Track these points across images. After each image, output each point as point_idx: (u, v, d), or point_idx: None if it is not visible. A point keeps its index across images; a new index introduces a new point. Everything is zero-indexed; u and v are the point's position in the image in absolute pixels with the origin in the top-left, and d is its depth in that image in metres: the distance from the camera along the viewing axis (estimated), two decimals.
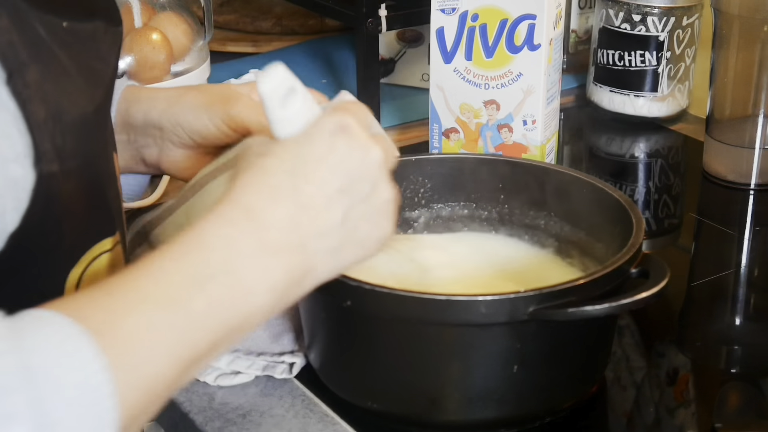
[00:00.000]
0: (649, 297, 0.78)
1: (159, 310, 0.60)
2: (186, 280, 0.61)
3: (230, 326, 0.63)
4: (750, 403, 0.90)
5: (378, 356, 0.81)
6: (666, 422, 0.87)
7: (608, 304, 0.77)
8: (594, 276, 0.78)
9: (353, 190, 0.68)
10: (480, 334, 0.78)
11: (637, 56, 1.35)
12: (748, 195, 1.21)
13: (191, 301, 0.61)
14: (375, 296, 0.77)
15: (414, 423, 0.82)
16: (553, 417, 0.84)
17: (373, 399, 0.82)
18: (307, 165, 0.67)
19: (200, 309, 0.61)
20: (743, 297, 1.06)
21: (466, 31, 1.11)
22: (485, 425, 0.82)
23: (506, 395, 0.80)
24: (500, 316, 0.76)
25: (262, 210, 0.65)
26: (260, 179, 0.66)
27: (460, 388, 0.80)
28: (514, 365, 0.79)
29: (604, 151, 1.38)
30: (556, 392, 0.82)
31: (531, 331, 0.77)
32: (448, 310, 0.76)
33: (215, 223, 0.64)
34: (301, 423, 0.83)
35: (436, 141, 1.16)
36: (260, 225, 0.64)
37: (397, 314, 0.77)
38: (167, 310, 0.60)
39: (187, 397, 0.86)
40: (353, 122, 0.69)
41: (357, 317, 0.80)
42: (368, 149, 0.68)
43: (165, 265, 0.62)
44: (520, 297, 0.75)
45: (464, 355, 0.79)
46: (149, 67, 1.29)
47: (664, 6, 1.32)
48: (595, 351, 0.85)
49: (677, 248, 1.16)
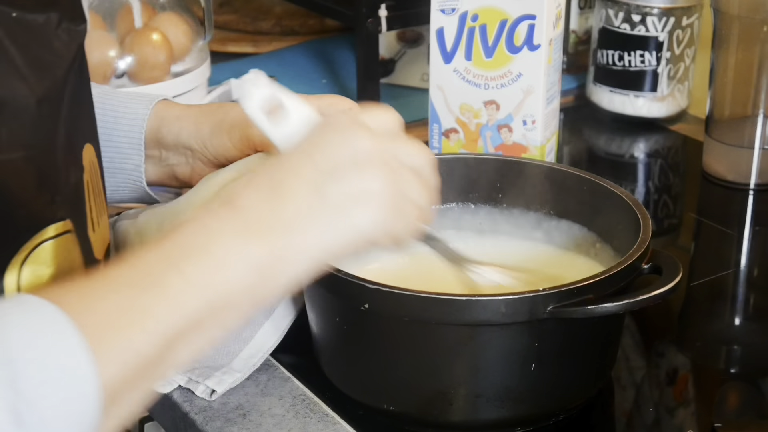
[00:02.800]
0: (667, 291, 0.78)
1: (134, 290, 0.61)
2: (161, 262, 0.63)
3: (210, 303, 0.63)
4: (750, 403, 0.90)
5: (396, 358, 0.81)
6: (666, 422, 0.87)
7: (627, 300, 0.77)
8: (610, 273, 0.78)
9: (335, 173, 0.67)
10: (499, 334, 0.78)
11: (637, 56, 1.35)
12: (747, 195, 1.22)
13: (166, 280, 0.62)
14: (394, 298, 0.77)
15: (431, 424, 0.82)
16: (567, 414, 0.84)
17: (390, 401, 0.82)
18: (289, 160, 0.68)
19: (176, 287, 0.62)
20: (743, 297, 1.06)
21: (465, 31, 1.11)
22: (501, 424, 0.82)
23: (523, 394, 0.80)
24: (520, 315, 0.76)
25: (239, 197, 0.66)
26: (244, 180, 0.68)
27: (478, 387, 0.80)
28: (532, 363, 0.79)
29: (603, 151, 1.38)
30: (572, 389, 0.83)
31: (549, 329, 0.78)
32: (468, 310, 0.76)
33: (195, 216, 0.66)
34: (301, 423, 0.83)
35: (436, 141, 1.16)
36: (237, 210, 0.66)
37: (417, 315, 0.77)
38: (143, 290, 0.61)
39: (188, 397, 0.86)
40: (343, 118, 0.69)
41: (375, 319, 0.80)
42: (353, 135, 0.68)
43: (141, 255, 0.63)
44: (540, 295, 0.76)
45: (483, 355, 0.79)
46: (149, 67, 1.29)
47: (663, 6, 1.32)
48: (607, 347, 0.85)
49: (677, 248, 1.16)
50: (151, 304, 0.61)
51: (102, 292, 0.61)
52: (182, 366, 0.65)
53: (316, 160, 0.67)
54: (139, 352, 0.60)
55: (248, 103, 0.69)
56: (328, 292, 0.81)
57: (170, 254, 0.63)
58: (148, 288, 0.62)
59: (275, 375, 0.89)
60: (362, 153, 0.68)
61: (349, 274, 0.79)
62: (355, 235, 0.68)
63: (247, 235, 0.65)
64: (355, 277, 0.78)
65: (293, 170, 0.67)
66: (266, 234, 0.65)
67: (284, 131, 0.71)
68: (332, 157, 0.67)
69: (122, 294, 0.61)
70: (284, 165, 0.68)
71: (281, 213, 0.66)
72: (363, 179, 0.67)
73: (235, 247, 0.64)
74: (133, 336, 0.60)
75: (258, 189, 0.67)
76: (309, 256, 0.67)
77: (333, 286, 0.80)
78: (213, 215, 0.66)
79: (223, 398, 0.86)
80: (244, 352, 0.88)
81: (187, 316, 0.62)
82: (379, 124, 0.70)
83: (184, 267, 0.63)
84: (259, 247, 0.65)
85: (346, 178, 0.67)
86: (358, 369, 0.84)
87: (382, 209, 0.68)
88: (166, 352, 0.62)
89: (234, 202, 0.66)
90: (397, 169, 0.69)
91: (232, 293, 0.64)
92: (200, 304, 0.63)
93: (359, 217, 0.68)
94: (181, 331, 0.62)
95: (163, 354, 0.62)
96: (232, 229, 0.65)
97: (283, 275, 0.66)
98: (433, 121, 1.16)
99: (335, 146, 0.68)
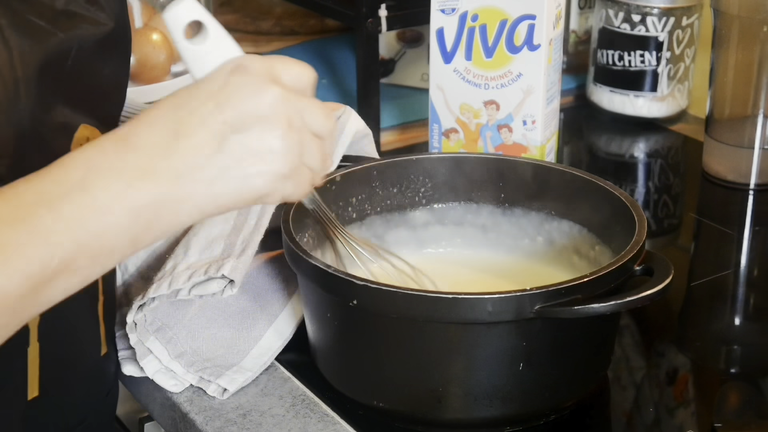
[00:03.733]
0: (655, 294, 0.78)
1: (3, 226, 0.60)
2: (36, 198, 0.61)
3: (83, 244, 0.62)
4: (750, 403, 0.90)
5: (384, 355, 0.82)
6: (666, 422, 0.87)
7: (614, 301, 0.77)
8: (599, 273, 0.78)
9: (238, 123, 0.65)
10: (486, 333, 0.78)
11: (637, 56, 1.35)
12: (747, 195, 1.22)
13: (37, 217, 0.60)
14: (381, 295, 0.77)
15: (419, 421, 0.82)
16: (558, 415, 0.84)
17: (379, 398, 0.83)
18: (195, 99, 0.66)
19: (46, 225, 0.60)
20: (743, 297, 1.06)
21: (465, 31, 1.11)
22: (491, 423, 0.82)
23: (512, 393, 0.80)
24: (507, 315, 0.76)
25: (135, 135, 0.64)
26: (147, 112, 0.66)
27: (466, 386, 0.80)
28: (520, 363, 0.79)
29: (603, 151, 1.39)
30: (561, 390, 0.83)
31: (537, 329, 0.78)
32: (454, 309, 0.76)
33: (82, 149, 0.64)
34: (301, 423, 0.83)
35: (436, 141, 1.16)
36: (129, 147, 0.63)
37: (404, 313, 0.77)
38: (11, 227, 0.60)
39: (188, 396, 0.86)
40: (258, 64, 0.67)
41: (363, 316, 0.80)
42: (263, 87, 0.66)
43: (19, 186, 0.62)
44: (526, 295, 0.76)
45: (471, 354, 0.79)
46: (149, 67, 1.29)
47: (663, 6, 1.32)
48: (599, 348, 0.85)
49: (677, 248, 1.16)
50: (17, 240, 0.60)
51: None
52: (55, 302, 0.63)
53: (222, 107, 0.65)
54: (2, 289, 0.59)
55: (170, 9, 0.69)
56: (318, 287, 0.82)
57: (46, 189, 0.62)
58: (16, 224, 0.60)
59: (275, 375, 0.89)
60: (270, 107, 0.66)
61: (339, 270, 0.79)
62: (245, 192, 0.66)
63: (131, 178, 0.63)
64: (344, 273, 0.79)
65: (197, 113, 0.65)
66: (153, 179, 0.63)
67: (197, 50, 0.69)
68: (239, 107, 0.65)
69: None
70: (189, 104, 0.65)
71: (173, 159, 0.64)
72: (265, 136, 0.66)
73: (115, 190, 0.62)
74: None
75: (155, 128, 0.65)
76: (194, 206, 0.65)
77: (323, 282, 0.80)
78: (100, 150, 0.64)
79: (222, 398, 0.86)
80: (254, 350, 0.89)
81: (57, 255, 0.61)
82: (293, 79, 0.69)
83: (58, 205, 0.61)
84: (141, 191, 0.63)
85: (249, 133, 0.65)
86: (348, 365, 0.84)
87: (278, 169, 0.66)
88: (35, 290, 0.61)
89: (127, 138, 0.64)
90: (300, 129, 0.67)
91: (107, 236, 0.62)
92: (72, 245, 0.61)
93: (254, 174, 0.66)
94: (51, 270, 0.61)
95: (30, 292, 0.61)
96: (116, 169, 0.63)
97: (165, 222, 0.65)
98: (433, 121, 1.16)
99: (244, 95, 0.66)
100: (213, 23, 0.70)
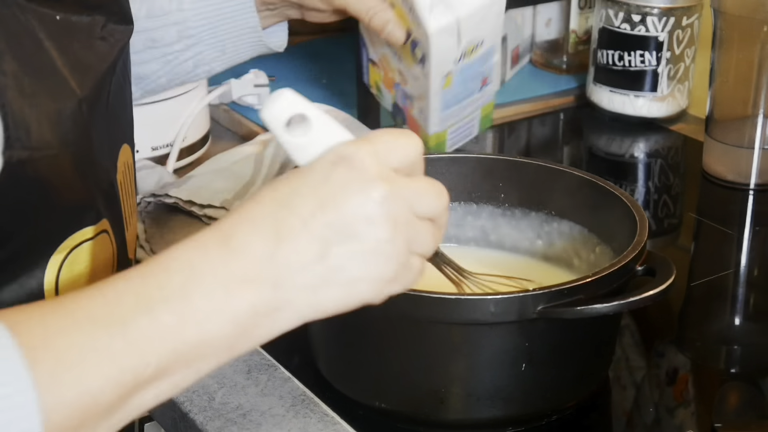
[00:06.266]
0: (657, 294, 0.78)
1: (98, 330, 0.57)
2: (135, 301, 0.59)
3: (178, 352, 0.59)
4: (750, 403, 0.90)
5: (387, 355, 0.82)
6: (666, 422, 0.87)
7: (617, 302, 0.77)
8: (601, 274, 0.78)
9: (342, 227, 0.62)
10: (489, 333, 0.78)
11: (637, 56, 1.35)
12: (747, 195, 1.22)
13: (134, 324, 0.58)
14: None
15: (421, 422, 0.82)
16: (560, 415, 0.84)
17: (381, 398, 0.83)
18: (298, 196, 0.62)
19: (143, 332, 0.58)
20: (743, 297, 1.06)
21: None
22: (493, 424, 0.82)
23: (514, 393, 0.80)
24: (509, 315, 0.76)
25: (239, 238, 0.61)
26: (248, 207, 0.63)
27: (468, 386, 0.80)
28: (522, 363, 0.79)
29: (603, 151, 1.39)
30: (563, 390, 0.83)
31: (539, 329, 0.78)
32: (457, 310, 0.76)
33: (185, 247, 0.61)
34: (301, 423, 0.83)
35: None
36: (232, 253, 0.61)
37: (407, 314, 0.77)
38: (106, 331, 0.57)
39: (188, 396, 0.86)
40: (362, 154, 0.63)
41: (365, 316, 0.80)
42: (369, 185, 0.62)
43: (119, 286, 0.59)
44: (529, 296, 0.76)
45: (473, 354, 0.79)
46: None
47: (663, 6, 1.32)
48: (600, 349, 0.85)
49: (677, 248, 1.16)
50: (112, 347, 0.57)
51: (65, 324, 0.57)
52: (147, 409, 0.61)
53: (325, 207, 0.61)
54: (91, 398, 0.57)
55: (267, 110, 0.65)
56: None
57: (146, 293, 0.59)
58: (112, 328, 0.58)
59: (275, 375, 0.89)
60: (375, 208, 0.62)
61: None
62: (348, 299, 0.64)
63: (233, 286, 0.60)
64: None
65: (298, 213, 0.61)
66: (254, 286, 0.60)
67: (300, 142, 0.65)
68: (342, 209, 0.61)
69: (84, 331, 0.57)
70: (291, 202, 0.62)
71: (276, 265, 0.61)
72: (369, 240, 0.62)
73: (217, 298, 0.60)
74: (87, 379, 0.56)
75: (257, 229, 0.61)
76: (294, 312, 0.62)
77: None
78: (202, 252, 0.61)
79: (223, 398, 0.86)
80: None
81: (152, 364, 0.58)
82: (401, 159, 0.64)
83: (157, 311, 0.58)
84: (243, 300, 0.60)
85: (353, 237, 0.62)
86: (349, 366, 0.85)
87: (383, 274, 0.63)
88: (126, 397, 0.58)
89: (230, 241, 0.61)
90: (407, 223, 0.63)
91: (205, 345, 0.60)
92: (168, 354, 0.59)
93: (357, 280, 0.63)
94: (144, 379, 0.58)
95: (121, 399, 0.58)
96: (218, 275, 0.60)
97: (264, 329, 0.62)
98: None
99: (348, 195, 0.62)
100: (315, 113, 0.65)
